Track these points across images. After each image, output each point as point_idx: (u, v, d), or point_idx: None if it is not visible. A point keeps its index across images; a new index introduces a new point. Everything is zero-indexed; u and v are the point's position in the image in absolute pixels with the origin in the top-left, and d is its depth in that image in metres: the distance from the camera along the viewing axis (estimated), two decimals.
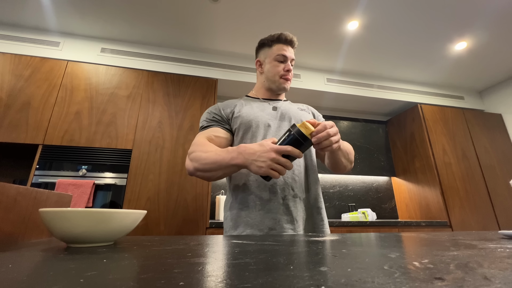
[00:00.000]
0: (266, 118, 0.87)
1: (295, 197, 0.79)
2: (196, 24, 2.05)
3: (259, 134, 0.84)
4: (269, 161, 0.61)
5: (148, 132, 1.90)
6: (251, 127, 0.85)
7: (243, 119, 0.85)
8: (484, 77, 2.79)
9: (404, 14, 1.94)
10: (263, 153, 0.63)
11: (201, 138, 0.82)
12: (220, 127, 0.86)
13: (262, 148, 0.63)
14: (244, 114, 0.87)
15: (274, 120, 0.87)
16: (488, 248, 0.33)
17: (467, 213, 2.31)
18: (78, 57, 2.09)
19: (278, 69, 0.91)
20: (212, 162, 0.71)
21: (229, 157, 0.69)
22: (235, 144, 0.87)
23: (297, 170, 0.82)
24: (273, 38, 0.92)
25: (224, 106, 0.91)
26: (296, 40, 0.95)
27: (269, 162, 0.61)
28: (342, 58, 2.47)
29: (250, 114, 0.87)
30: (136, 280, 0.19)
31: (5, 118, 1.72)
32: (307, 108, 1.01)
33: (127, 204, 1.69)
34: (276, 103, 0.95)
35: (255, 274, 0.21)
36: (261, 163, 0.62)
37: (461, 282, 0.17)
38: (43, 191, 0.48)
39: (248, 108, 0.89)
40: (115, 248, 0.36)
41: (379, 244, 0.39)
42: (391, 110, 3.02)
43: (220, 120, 0.88)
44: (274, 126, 0.86)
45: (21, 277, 0.19)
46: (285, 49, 0.91)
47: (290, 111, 0.91)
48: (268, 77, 0.93)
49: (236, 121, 0.87)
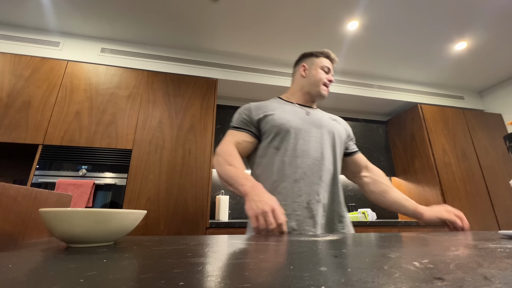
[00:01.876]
0: (298, 123, 0.89)
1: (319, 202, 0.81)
2: (196, 24, 2.05)
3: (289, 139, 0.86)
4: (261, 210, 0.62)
5: (148, 132, 1.90)
6: (281, 131, 0.86)
7: (275, 122, 0.87)
8: (484, 77, 2.79)
9: (404, 14, 1.94)
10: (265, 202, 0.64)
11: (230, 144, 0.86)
12: (247, 132, 0.89)
13: (268, 200, 0.64)
14: (276, 117, 0.89)
15: (306, 126, 0.89)
16: (488, 248, 0.33)
17: (467, 213, 2.31)
18: (78, 57, 2.09)
19: (322, 76, 0.98)
20: (229, 177, 0.77)
21: (241, 183, 0.72)
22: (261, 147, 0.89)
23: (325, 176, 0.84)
24: (322, 52, 1.02)
25: (255, 108, 0.93)
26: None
27: (260, 211, 0.62)
28: (342, 58, 2.47)
29: (282, 117, 0.88)
30: (136, 280, 0.19)
31: (5, 118, 1.72)
32: (338, 119, 1.05)
33: (127, 204, 1.69)
34: (309, 109, 0.99)
35: (255, 274, 0.21)
36: (256, 207, 0.63)
37: (461, 282, 0.17)
38: (43, 191, 0.48)
39: (280, 111, 0.91)
40: (115, 248, 0.36)
41: (379, 244, 0.39)
42: (391, 110, 3.02)
43: (249, 123, 0.90)
44: (305, 131, 0.88)
45: (21, 277, 0.19)
46: (329, 64, 1.01)
47: (323, 119, 0.95)
48: (311, 81, 0.99)
49: (266, 123, 0.88)
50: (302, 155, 0.84)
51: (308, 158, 0.84)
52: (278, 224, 0.61)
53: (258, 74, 2.45)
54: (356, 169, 1.01)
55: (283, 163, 0.83)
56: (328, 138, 0.90)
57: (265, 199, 0.64)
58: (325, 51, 1.02)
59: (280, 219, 0.61)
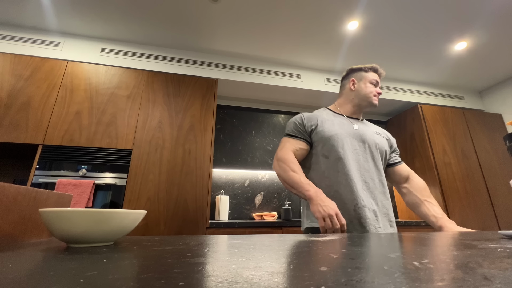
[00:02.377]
0: (345, 135, 1.00)
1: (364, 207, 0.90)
2: (196, 24, 2.05)
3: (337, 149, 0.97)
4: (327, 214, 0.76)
5: (148, 132, 1.90)
6: (329, 142, 0.98)
7: (325, 134, 1.00)
8: (484, 77, 2.79)
9: (404, 14, 1.94)
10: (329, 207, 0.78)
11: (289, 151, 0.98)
12: (302, 140, 1.01)
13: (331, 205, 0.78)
14: (326, 129, 1.01)
15: (351, 139, 1.01)
16: (488, 248, 0.33)
17: (467, 213, 2.31)
18: (78, 57, 2.09)
19: (371, 89, 1.09)
20: (294, 182, 0.89)
21: (306, 188, 0.85)
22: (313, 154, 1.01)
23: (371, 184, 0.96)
24: (370, 67, 1.12)
25: (308, 119, 1.05)
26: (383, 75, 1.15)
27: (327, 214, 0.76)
28: (342, 58, 2.47)
29: (331, 130, 1.00)
30: (136, 280, 0.19)
31: (5, 118, 1.72)
32: (382, 132, 1.14)
33: (127, 204, 1.69)
34: (356, 122, 1.09)
35: (255, 274, 0.21)
36: (322, 211, 0.77)
37: (461, 282, 0.17)
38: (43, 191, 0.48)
39: (329, 124, 1.03)
40: (115, 248, 0.36)
41: (379, 244, 0.39)
42: (391, 110, 3.02)
43: (303, 131, 1.03)
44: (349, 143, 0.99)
45: (21, 277, 0.19)
46: (377, 78, 1.11)
47: (367, 133, 1.05)
48: (361, 94, 1.09)
49: (317, 135, 1.01)
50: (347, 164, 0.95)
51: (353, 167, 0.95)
52: (341, 225, 0.75)
53: (258, 74, 2.45)
54: (398, 179, 1.10)
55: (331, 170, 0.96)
56: (370, 151, 1.02)
57: (328, 204, 0.78)
58: (374, 66, 1.12)
59: (343, 221, 0.76)
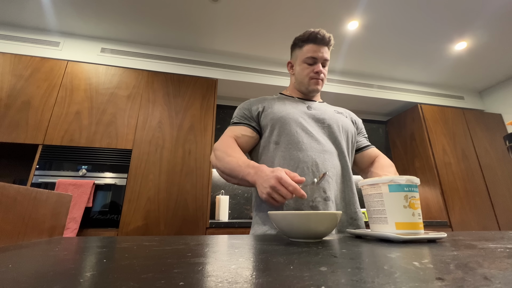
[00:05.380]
0: (298, 115, 0.83)
1: (327, 200, 0.73)
2: (196, 24, 2.05)
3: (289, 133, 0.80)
4: (269, 188, 0.59)
5: (148, 132, 1.90)
6: (280, 123, 0.81)
7: (274, 115, 0.82)
8: (484, 77, 2.79)
9: (404, 14, 1.94)
10: (269, 176, 0.59)
11: (228, 137, 0.81)
12: (247, 126, 0.85)
13: (270, 173, 0.60)
14: (275, 110, 0.84)
15: (307, 119, 0.83)
16: (488, 248, 0.33)
17: (467, 213, 2.31)
18: (78, 57, 2.09)
19: (306, 71, 0.88)
20: (231, 169, 0.71)
21: (246, 172, 0.67)
22: (262, 142, 0.84)
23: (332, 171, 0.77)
24: (304, 38, 0.88)
25: (255, 102, 0.89)
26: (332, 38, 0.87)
27: (269, 189, 0.59)
28: (342, 58, 2.47)
29: (281, 110, 0.83)
30: (136, 280, 0.19)
31: (5, 118, 1.72)
32: (345, 111, 0.97)
33: (127, 204, 1.69)
34: (312, 103, 0.91)
35: (255, 274, 0.21)
36: (263, 188, 0.60)
37: (461, 282, 0.17)
38: (43, 191, 0.48)
39: (279, 105, 0.86)
40: (115, 248, 0.36)
41: (379, 244, 0.39)
42: (391, 110, 3.02)
43: (249, 117, 0.86)
44: (306, 124, 0.81)
45: (21, 277, 0.19)
46: (315, 50, 0.86)
47: (327, 112, 0.88)
48: (298, 79, 0.91)
49: (266, 117, 0.84)
50: (304, 149, 0.77)
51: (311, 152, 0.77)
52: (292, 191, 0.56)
53: (258, 74, 2.45)
54: (365, 165, 0.92)
55: (284, 159, 0.77)
56: (332, 132, 0.83)
57: (268, 174, 0.60)
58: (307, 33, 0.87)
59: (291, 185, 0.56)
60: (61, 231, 0.53)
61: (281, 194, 0.57)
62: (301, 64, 0.89)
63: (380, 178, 0.47)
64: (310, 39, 0.86)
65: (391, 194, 0.46)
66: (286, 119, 0.81)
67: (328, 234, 0.47)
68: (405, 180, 0.45)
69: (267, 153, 0.81)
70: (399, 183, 0.45)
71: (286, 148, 0.78)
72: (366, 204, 0.50)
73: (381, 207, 0.46)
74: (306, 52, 0.87)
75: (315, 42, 0.86)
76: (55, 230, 0.50)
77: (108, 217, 1.65)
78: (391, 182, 0.46)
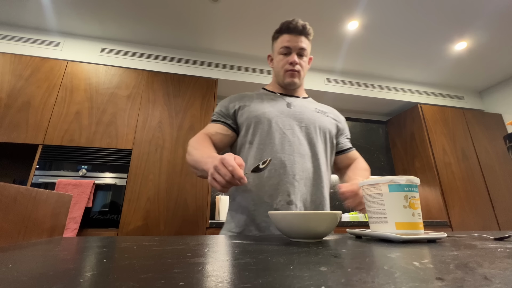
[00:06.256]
0: (275, 114, 0.80)
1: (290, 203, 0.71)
2: (196, 24, 2.05)
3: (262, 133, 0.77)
4: (212, 168, 0.56)
5: (148, 132, 1.90)
6: (254, 122, 0.78)
7: (250, 114, 0.80)
8: (484, 77, 2.79)
9: (404, 14, 1.94)
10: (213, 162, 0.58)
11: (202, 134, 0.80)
12: (222, 124, 0.82)
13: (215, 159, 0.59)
14: (252, 108, 0.81)
15: (283, 118, 0.80)
16: (488, 248, 0.33)
17: (467, 213, 2.31)
18: (78, 57, 2.09)
19: (282, 63, 0.85)
20: (195, 161, 0.70)
21: (205, 162, 0.65)
22: (238, 142, 0.82)
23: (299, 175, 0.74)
24: (278, 29, 0.86)
25: (233, 99, 0.86)
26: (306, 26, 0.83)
27: (212, 170, 0.57)
28: (342, 58, 2.47)
29: (258, 109, 0.81)
30: (136, 280, 0.19)
31: (5, 118, 1.72)
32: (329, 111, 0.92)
33: (127, 204, 1.69)
34: (293, 99, 0.87)
35: (255, 274, 0.21)
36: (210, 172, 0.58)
37: (461, 282, 0.17)
38: (43, 191, 0.48)
39: (257, 102, 0.83)
40: (115, 248, 0.36)
41: (379, 244, 0.39)
42: (391, 110, 3.02)
43: (225, 115, 0.84)
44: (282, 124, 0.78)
45: (21, 277, 0.19)
46: (288, 40, 0.83)
47: (306, 111, 0.84)
48: (275, 72, 0.89)
49: (242, 115, 0.81)
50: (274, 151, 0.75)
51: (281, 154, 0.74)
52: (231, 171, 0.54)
53: (258, 74, 2.45)
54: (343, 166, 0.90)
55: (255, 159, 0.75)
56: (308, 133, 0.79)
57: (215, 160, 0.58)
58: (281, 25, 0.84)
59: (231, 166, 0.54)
60: (61, 231, 0.53)
61: (220, 174, 0.55)
62: (277, 56, 0.86)
63: (380, 178, 0.47)
64: (283, 29, 0.84)
65: (391, 194, 0.46)
66: (262, 118, 0.79)
67: (328, 234, 0.48)
68: (405, 180, 0.45)
69: (243, 152, 0.80)
70: (399, 183, 0.45)
71: (258, 149, 0.76)
72: (366, 204, 0.51)
73: (381, 207, 0.46)
74: (280, 43, 0.85)
75: (288, 31, 0.83)
76: (55, 230, 0.50)
77: (108, 217, 1.65)
78: (391, 182, 0.46)
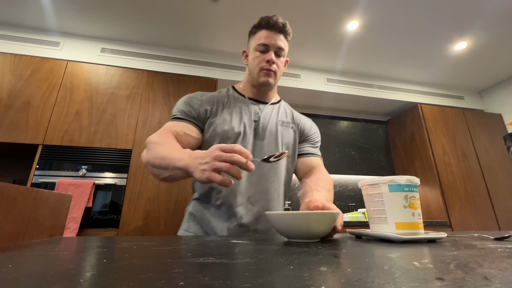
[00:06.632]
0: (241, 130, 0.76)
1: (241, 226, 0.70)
2: (196, 24, 2.05)
3: None
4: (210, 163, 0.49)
5: (148, 132, 1.90)
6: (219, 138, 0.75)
7: (216, 127, 0.76)
8: (484, 77, 2.79)
9: (404, 14, 1.94)
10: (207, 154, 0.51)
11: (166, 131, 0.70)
12: (193, 125, 0.75)
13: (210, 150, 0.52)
14: (219, 120, 0.77)
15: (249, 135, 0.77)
16: (488, 248, 0.33)
17: (467, 213, 2.31)
18: (78, 57, 2.09)
19: (257, 60, 0.78)
20: (161, 158, 0.61)
21: (178, 158, 0.57)
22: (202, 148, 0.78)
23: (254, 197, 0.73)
24: (257, 24, 0.80)
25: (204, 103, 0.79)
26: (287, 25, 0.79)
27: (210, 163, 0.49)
28: (342, 58, 2.47)
29: (223, 124, 0.76)
30: (136, 280, 0.19)
31: (5, 118, 1.72)
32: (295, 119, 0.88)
33: (127, 204, 1.69)
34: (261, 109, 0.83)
35: (255, 274, 0.21)
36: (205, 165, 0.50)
37: (461, 282, 0.17)
38: (43, 191, 0.48)
39: (226, 113, 0.78)
40: (116, 248, 0.36)
41: (379, 244, 0.39)
42: (391, 110, 3.02)
43: (196, 117, 0.77)
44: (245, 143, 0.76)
45: (21, 277, 0.19)
46: (267, 36, 0.77)
47: (269, 125, 0.80)
48: (250, 69, 0.82)
49: (209, 125, 0.77)
50: None
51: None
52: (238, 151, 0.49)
53: None
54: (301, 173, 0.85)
55: None
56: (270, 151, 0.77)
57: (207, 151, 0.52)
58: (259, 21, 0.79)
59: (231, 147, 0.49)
60: (61, 231, 0.53)
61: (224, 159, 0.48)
62: (253, 53, 0.80)
63: (380, 178, 0.47)
64: (262, 24, 0.79)
65: (391, 194, 0.46)
66: (229, 134, 0.75)
67: (325, 234, 0.48)
68: (405, 180, 0.45)
69: None
70: (399, 183, 0.45)
71: None
72: (366, 204, 0.51)
73: (381, 207, 0.46)
74: (258, 39, 0.79)
75: (268, 27, 0.78)
76: (55, 230, 0.50)
77: (108, 217, 1.65)
78: (391, 182, 0.46)
